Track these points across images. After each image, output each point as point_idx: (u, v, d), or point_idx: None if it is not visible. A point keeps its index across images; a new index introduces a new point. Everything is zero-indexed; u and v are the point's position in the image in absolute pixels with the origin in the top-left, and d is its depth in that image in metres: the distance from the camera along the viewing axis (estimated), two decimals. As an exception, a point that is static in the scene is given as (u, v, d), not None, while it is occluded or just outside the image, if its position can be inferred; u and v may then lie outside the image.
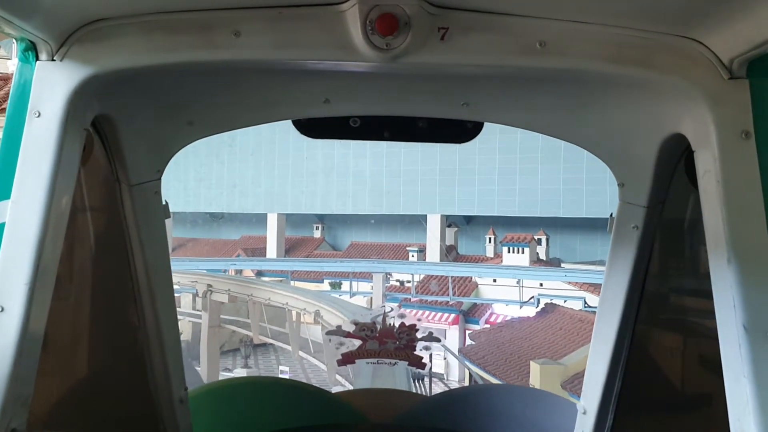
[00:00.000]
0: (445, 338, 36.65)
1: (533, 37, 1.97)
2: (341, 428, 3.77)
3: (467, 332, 38.20)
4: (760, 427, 1.80)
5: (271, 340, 37.22)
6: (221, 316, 35.58)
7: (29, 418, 1.94)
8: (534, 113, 2.74)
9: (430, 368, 20.44)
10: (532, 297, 36.72)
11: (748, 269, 1.88)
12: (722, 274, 1.91)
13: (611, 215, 2.83)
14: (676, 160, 2.47)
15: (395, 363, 3.48)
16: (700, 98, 1.96)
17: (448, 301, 39.26)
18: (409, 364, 3.49)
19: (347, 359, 3.47)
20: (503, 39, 1.98)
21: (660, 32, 1.97)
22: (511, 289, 38.23)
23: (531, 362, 25.22)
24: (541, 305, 35.75)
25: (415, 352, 3.48)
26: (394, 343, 3.46)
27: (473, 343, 34.90)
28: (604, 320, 2.82)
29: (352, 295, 41.08)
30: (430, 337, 3.52)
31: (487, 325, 38.33)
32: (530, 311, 36.38)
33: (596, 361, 2.87)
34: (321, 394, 4.07)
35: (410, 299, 39.31)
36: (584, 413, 2.95)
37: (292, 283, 44.58)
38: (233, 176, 55.38)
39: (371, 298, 40.53)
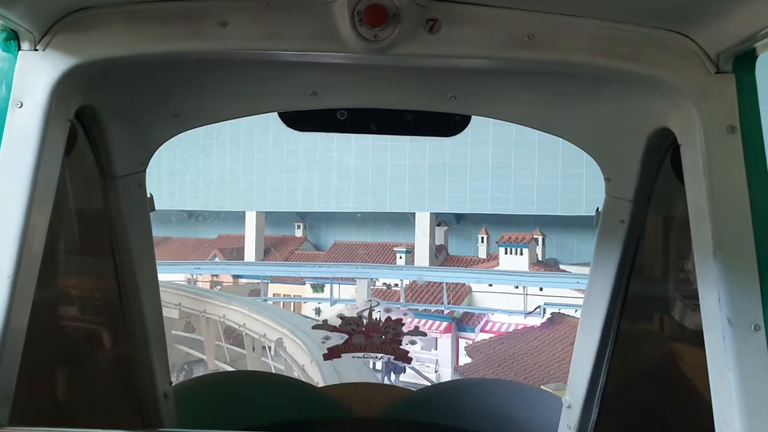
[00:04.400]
0: (437, 348, 35.40)
1: (522, 30, 2.08)
2: (327, 422, 3.91)
3: (463, 345, 35.78)
4: (743, 419, 1.91)
5: (229, 368, 31.98)
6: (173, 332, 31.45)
7: (12, 412, 1.99)
8: (521, 107, 2.88)
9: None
10: (538, 306, 34.70)
11: (733, 263, 1.99)
12: (707, 268, 2.03)
13: (597, 209, 2.99)
14: (663, 155, 2.59)
15: (381, 357, 3.62)
16: (687, 93, 2.08)
17: (442, 310, 37.21)
18: (395, 359, 3.63)
19: (333, 353, 3.61)
20: (492, 31, 2.09)
21: (648, 26, 2.09)
22: (509, 296, 35.91)
23: (542, 388, 23.40)
24: (547, 315, 33.67)
25: (400, 347, 3.62)
26: (380, 337, 3.61)
27: (470, 360, 32.25)
28: (590, 314, 2.98)
29: (334, 302, 39.17)
30: (416, 332, 3.67)
31: (483, 334, 36.22)
32: (533, 321, 34.35)
33: (581, 355, 3.02)
34: (306, 388, 4.22)
35: (399, 308, 37.69)
36: (569, 407, 3.10)
37: (270, 286, 43.95)
38: (211, 172, 54.96)
39: (354, 307, 38.86)
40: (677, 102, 2.16)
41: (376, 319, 3.64)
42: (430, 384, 6.35)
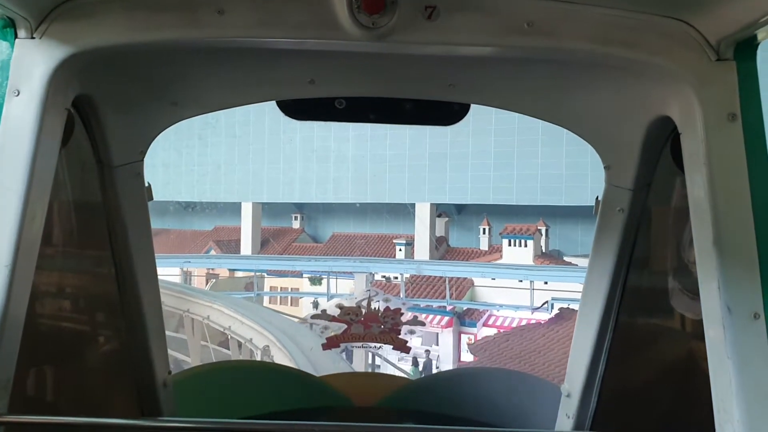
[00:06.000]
0: (438, 344, 34.87)
1: (521, 17, 2.13)
2: (326, 411, 3.98)
3: (465, 340, 34.85)
4: (743, 407, 1.96)
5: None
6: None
7: (11, 401, 2.05)
8: (520, 95, 2.93)
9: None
10: (546, 302, 33.44)
11: (733, 251, 2.05)
12: (707, 256, 2.08)
13: (597, 198, 3.04)
14: (663, 143, 2.64)
15: (380, 347, 3.68)
16: (687, 80, 2.13)
17: (445, 306, 36.16)
18: (393, 348, 3.69)
19: (332, 343, 3.67)
20: (491, 18, 2.14)
21: (648, 13, 2.14)
22: (513, 290, 34.89)
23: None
24: (555, 310, 32.24)
25: (399, 336, 3.68)
26: (379, 327, 3.66)
27: (473, 359, 30.72)
28: (589, 302, 3.04)
29: (330, 297, 37.36)
30: (415, 321, 3.73)
31: (486, 329, 35.11)
32: (538, 316, 33.04)
33: (580, 344, 3.08)
34: (305, 377, 4.29)
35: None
36: (568, 396, 3.16)
37: (266, 279, 43.82)
38: (206, 161, 54.80)
39: (354, 298, 37.77)
40: (677, 90, 2.21)
41: (375, 308, 3.70)
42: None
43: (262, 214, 55.68)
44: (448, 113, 3.03)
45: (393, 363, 26.59)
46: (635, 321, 3.16)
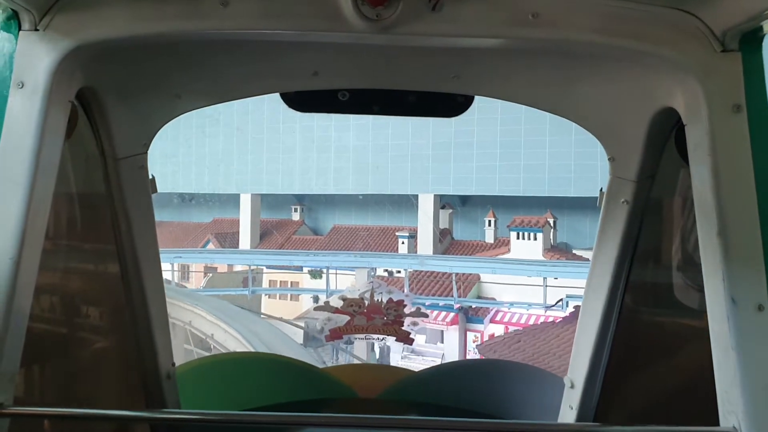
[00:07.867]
0: (443, 341, 34.43)
1: (526, 9, 2.19)
2: (329, 403, 4.06)
3: (471, 339, 34.20)
4: (747, 399, 2.03)
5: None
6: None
7: (16, 393, 2.11)
8: (525, 86, 2.97)
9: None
10: (560, 299, 31.85)
11: (738, 242, 2.11)
12: (712, 247, 2.15)
13: (601, 190, 3.10)
14: (667, 134, 2.70)
15: (383, 339, 3.74)
16: (692, 71, 2.19)
17: (452, 304, 34.92)
18: (396, 340, 3.75)
19: (335, 335, 3.73)
20: (495, 10, 2.20)
21: (653, 4, 2.19)
22: (521, 285, 33.30)
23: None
24: (570, 308, 30.57)
25: (402, 328, 3.75)
26: (382, 318, 3.73)
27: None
28: (593, 294, 3.09)
29: (330, 294, 37.84)
30: (418, 313, 3.79)
31: (493, 325, 34.54)
32: (550, 313, 32.22)
33: (584, 335, 3.13)
34: (309, 369, 4.36)
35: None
36: (571, 387, 3.21)
37: (265, 274, 43.80)
38: (204, 153, 54.61)
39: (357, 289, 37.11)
40: (682, 81, 2.27)
41: (378, 300, 3.76)
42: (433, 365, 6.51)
43: (262, 205, 55.52)
44: (452, 105, 3.08)
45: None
46: (639, 312, 3.22)
